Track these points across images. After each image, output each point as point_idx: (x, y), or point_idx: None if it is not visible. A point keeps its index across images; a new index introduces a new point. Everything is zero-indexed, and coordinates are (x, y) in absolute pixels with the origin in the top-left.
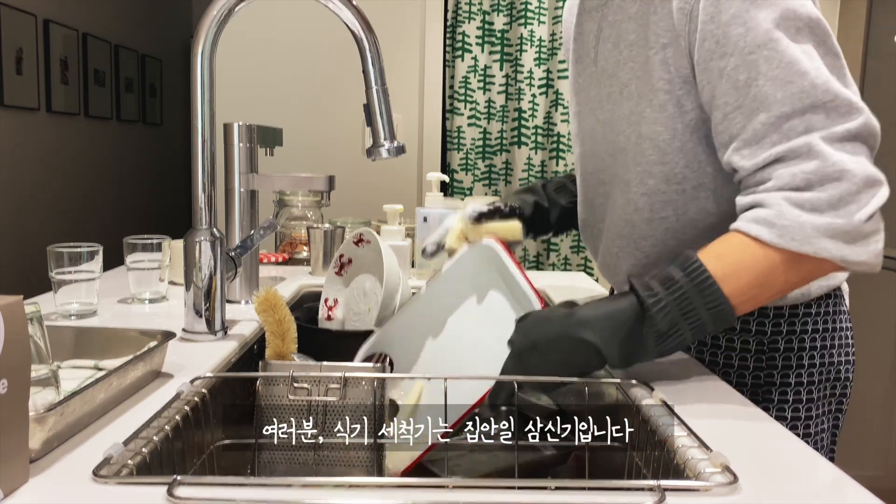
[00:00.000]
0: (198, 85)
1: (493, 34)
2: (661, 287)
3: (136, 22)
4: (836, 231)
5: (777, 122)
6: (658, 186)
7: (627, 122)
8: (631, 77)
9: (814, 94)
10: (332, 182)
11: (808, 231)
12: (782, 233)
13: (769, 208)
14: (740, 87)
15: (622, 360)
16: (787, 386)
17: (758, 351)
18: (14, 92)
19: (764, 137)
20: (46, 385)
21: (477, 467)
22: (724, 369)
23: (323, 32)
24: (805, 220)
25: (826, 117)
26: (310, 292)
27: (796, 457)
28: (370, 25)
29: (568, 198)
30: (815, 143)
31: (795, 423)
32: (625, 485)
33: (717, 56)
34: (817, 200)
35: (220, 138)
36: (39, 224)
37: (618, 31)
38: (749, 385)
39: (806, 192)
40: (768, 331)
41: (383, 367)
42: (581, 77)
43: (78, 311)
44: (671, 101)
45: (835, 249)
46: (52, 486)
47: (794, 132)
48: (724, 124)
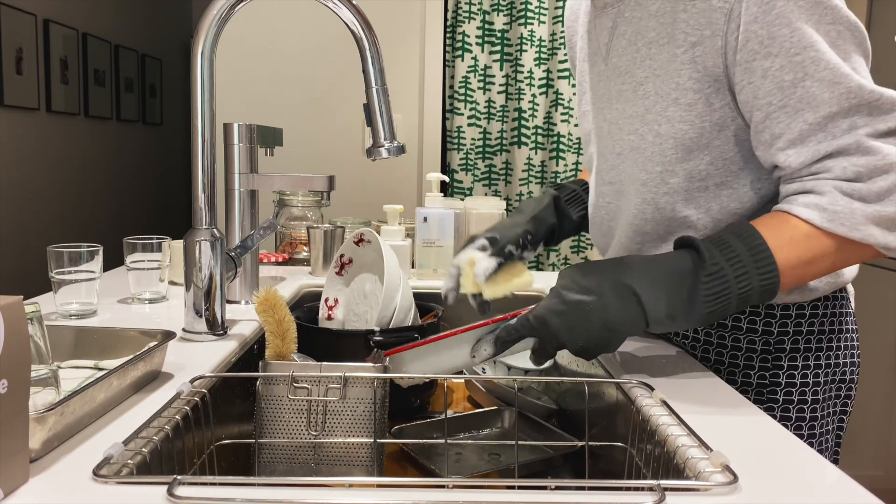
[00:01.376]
0: (198, 85)
1: (493, 34)
2: (716, 248)
3: (136, 22)
4: (883, 219)
5: (823, 121)
6: (681, 185)
7: (642, 120)
8: (648, 75)
9: (860, 95)
10: (332, 182)
11: (858, 218)
12: (833, 217)
13: (821, 195)
14: (785, 87)
15: (665, 316)
16: (792, 387)
17: (763, 351)
18: (14, 92)
19: (810, 136)
20: (46, 385)
21: (477, 467)
22: (729, 369)
23: (323, 32)
24: (856, 208)
25: (869, 115)
26: (310, 292)
27: (796, 457)
28: (370, 25)
29: (579, 210)
30: (862, 140)
31: (800, 424)
32: (625, 484)
33: (761, 56)
34: (867, 191)
35: (220, 138)
36: (39, 224)
37: (635, 28)
38: (754, 385)
39: (856, 183)
40: (775, 331)
41: (383, 367)
42: (590, 74)
43: (78, 311)
44: (700, 99)
45: (881, 236)
46: (52, 486)
47: (839, 130)
48: (765, 123)
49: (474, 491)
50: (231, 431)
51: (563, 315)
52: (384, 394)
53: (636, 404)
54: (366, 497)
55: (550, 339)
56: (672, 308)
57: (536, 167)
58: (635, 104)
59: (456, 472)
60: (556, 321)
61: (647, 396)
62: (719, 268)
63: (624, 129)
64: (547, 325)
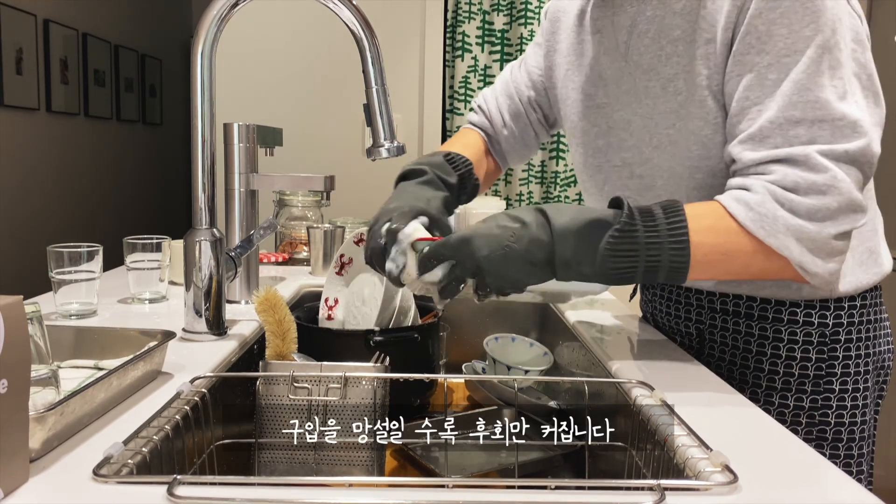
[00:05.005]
0: (198, 85)
1: (493, 34)
2: (638, 212)
3: (136, 22)
4: (803, 235)
5: (785, 124)
6: (706, 181)
7: (677, 115)
8: (678, 72)
9: (826, 109)
10: (332, 182)
11: (779, 226)
12: (755, 218)
13: (754, 194)
14: (766, 85)
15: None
16: (847, 376)
17: (820, 343)
18: (14, 92)
19: (768, 137)
20: (46, 385)
21: (477, 467)
22: (786, 362)
23: (323, 32)
24: (780, 216)
25: (830, 134)
26: (310, 292)
27: (796, 456)
28: (370, 25)
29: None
30: (812, 155)
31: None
32: (624, 484)
33: (754, 51)
34: (798, 204)
35: (220, 138)
36: (39, 224)
37: (658, 26)
38: (811, 377)
39: (790, 194)
40: (830, 322)
41: (384, 367)
42: (609, 70)
43: (78, 311)
44: (710, 96)
45: (796, 252)
46: (52, 486)
47: (797, 140)
48: (738, 116)
49: (474, 491)
50: (231, 431)
51: (486, 237)
52: (384, 394)
53: (636, 404)
54: (366, 497)
55: (466, 259)
56: (577, 252)
57: (536, 167)
58: (667, 101)
59: (456, 472)
60: (477, 241)
61: (647, 396)
62: (634, 228)
63: (661, 125)
64: (468, 243)
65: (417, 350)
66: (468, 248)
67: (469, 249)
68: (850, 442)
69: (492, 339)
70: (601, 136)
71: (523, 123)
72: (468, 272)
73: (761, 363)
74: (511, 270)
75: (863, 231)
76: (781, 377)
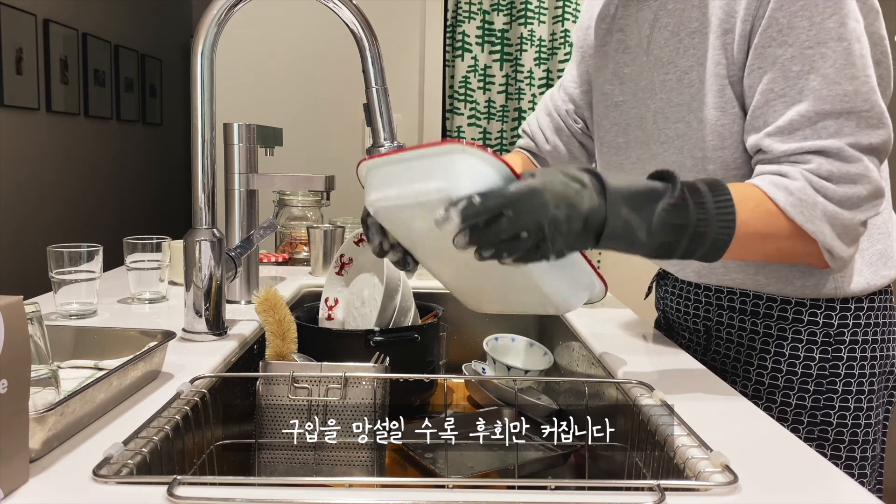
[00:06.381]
0: (198, 85)
1: (493, 34)
2: (687, 188)
3: (136, 22)
4: (836, 221)
5: (814, 117)
6: (717, 173)
7: (688, 108)
8: (692, 64)
9: (854, 101)
10: (332, 182)
11: (817, 211)
12: (796, 203)
13: (793, 180)
14: (791, 77)
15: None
16: (851, 377)
17: (824, 343)
18: (14, 92)
19: (798, 129)
20: (46, 385)
21: (477, 467)
22: (789, 360)
23: (323, 32)
24: (819, 202)
25: (857, 125)
26: (310, 292)
27: (796, 456)
28: (370, 25)
29: None
30: (844, 148)
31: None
32: (624, 484)
33: (776, 44)
34: (833, 192)
35: (220, 138)
36: (39, 224)
37: (678, 19)
38: (814, 376)
39: (826, 182)
40: (835, 322)
41: (383, 367)
42: (629, 67)
43: (78, 311)
44: (728, 86)
45: (829, 237)
46: (52, 486)
47: (825, 132)
48: (762, 109)
49: (474, 491)
50: (231, 431)
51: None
52: (384, 394)
53: (636, 404)
54: (366, 497)
55: (529, 213)
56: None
57: None
58: (681, 93)
59: (456, 472)
60: (548, 196)
61: (647, 396)
62: (685, 203)
63: (671, 118)
64: (538, 195)
65: (417, 350)
66: (536, 202)
67: (536, 203)
68: (853, 444)
69: (492, 340)
70: (620, 133)
71: (566, 136)
72: (530, 228)
73: (765, 360)
74: (569, 234)
75: (874, 233)
76: (784, 375)
